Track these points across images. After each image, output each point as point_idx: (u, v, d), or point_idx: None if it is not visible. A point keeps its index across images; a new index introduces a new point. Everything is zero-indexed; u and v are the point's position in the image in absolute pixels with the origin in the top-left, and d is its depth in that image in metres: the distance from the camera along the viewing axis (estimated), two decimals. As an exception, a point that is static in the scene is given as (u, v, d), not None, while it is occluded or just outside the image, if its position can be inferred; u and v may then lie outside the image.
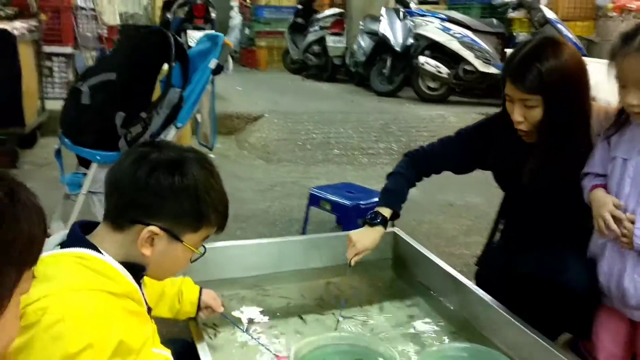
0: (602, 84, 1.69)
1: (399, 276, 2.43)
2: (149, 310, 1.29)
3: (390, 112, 6.50)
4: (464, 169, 2.22)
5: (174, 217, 1.20)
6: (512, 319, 1.80)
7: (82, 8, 7.20)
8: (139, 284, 1.23)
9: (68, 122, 2.72)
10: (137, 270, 1.21)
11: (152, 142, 1.33)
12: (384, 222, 2.10)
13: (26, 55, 4.78)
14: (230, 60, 6.46)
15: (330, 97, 7.78)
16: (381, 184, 2.25)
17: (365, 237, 2.07)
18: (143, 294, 1.25)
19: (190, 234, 1.23)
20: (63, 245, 1.19)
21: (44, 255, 1.09)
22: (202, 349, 1.59)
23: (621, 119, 1.65)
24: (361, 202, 3.27)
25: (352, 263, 2.07)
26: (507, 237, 2.20)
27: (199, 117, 3.11)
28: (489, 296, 1.96)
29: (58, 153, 2.82)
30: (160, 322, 1.52)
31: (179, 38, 3.08)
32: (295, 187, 4.51)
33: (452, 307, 2.12)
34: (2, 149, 4.37)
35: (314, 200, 3.48)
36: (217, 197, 1.24)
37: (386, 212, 2.11)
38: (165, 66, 2.83)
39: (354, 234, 2.09)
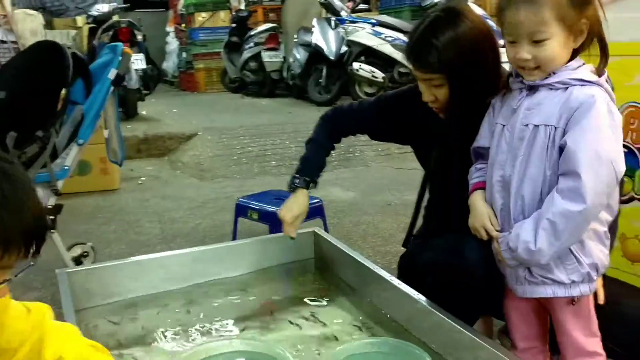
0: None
1: (322, 276, 2.30)
2: None
3: (327, 120, 6.42)
4: (380, 135, 2.15)
5: None
6: (428, 307, 1.68)
7: (3, 42, 6.97)
8: None
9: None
10: None
11: None
12: (305, 184, 2.07)
13: None
14: (133, 70, 6.27)
15: (268, 111, 7.67)
16: (322, 190, 2.17)
17: (292, 206, 2.07)
18: None
19: None
20: None
21: None
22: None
23: (503, 83, 1.57)
24: (288, 208, 3.14)
25: (293, 236, 2.09)
26: (427, 221, 2.10)
27: (105, 133, 2.93)
28: (406, 287, 1.84)
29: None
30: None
31: (78, 53, 2.91)
32: (229, 202, 4.32)
33: (373, 302, 1.99)
34: None
35: (241, 211, 3.32)
36: None
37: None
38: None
39: (281, 209, 2.08)
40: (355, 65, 7.07)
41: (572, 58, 1.43)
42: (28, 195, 0.97)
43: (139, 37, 7.06)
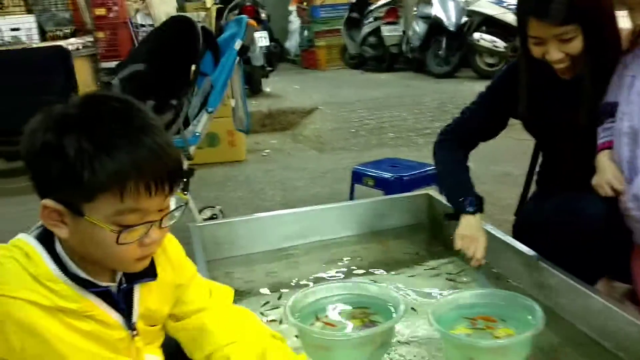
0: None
1: (436, 238, 2.33)
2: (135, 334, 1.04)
3: (447, 92, 6.33)
4: (498, 129, 2.07)
5: (55, 186, 0.92)
6: (542, 263, 1.67)
7: (142, 25, 7.51)
8: (106, 298, 1.00)
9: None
10: (87, 283, 0.97)
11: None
12: (479, 205, 1.89)
13: (83, 70, 5.02)
14: (257, 47, 6.48)
15: (386, 85, 7.66)
16: None
17: (476, 228, 1.82)
18: (128, 311, 1.03)
19: (89, 205, 0.91)
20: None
21: (18, 236, 0.98)
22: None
23: (634, 39, 1.52)
24: (404, 175, 3.18)
25: (483, 263, 1.79)
26: (542, 185, 2.06)
27: (232, 102, 3.12)
28: (520, 244, 1.83)
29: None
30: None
31: (207, 26, 3.12)
32: (347, 172, 4.40)
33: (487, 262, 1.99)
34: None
35: (357, 178, 3.41)
36: (98, 151, 0.89)
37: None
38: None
39: (462, 230, 1.83)
40: (476, 35, 6.88)
41: None
42: (146, 132, 0.93)
43: (263, 16, 7.32)
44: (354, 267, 2.11)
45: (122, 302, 1.02)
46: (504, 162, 4.37)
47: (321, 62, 11.40)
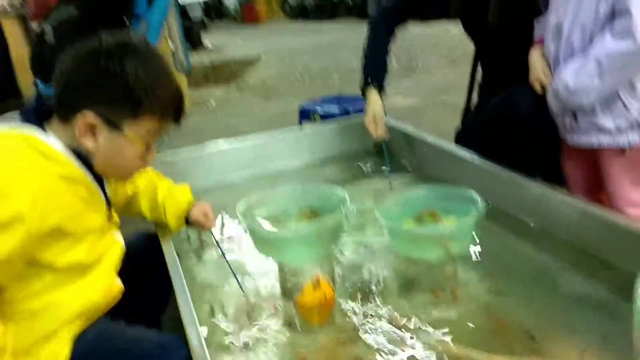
0: None
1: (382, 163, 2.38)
2: (109, 203, 1.26)
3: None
4: (430, 13, 2.16)
5: (106, 104, 1.11)
6: (479, 160, 1.74)
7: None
8: (94, 174, 1.19)
9: (37, 65, 2.72)
10: (86, 159, 1.16)
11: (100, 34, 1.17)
12: (377, 82, 2.07)
13: (12, 32, 4.80)
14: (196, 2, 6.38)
15: (329, 32, 7.66)
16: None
17: (371, 108, 2.04)
18: (101, 184, 1.22)
19: (130, 123, 1.12)
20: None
21: None
22: (168, 247, 1.44)
23: None
24: (349, 109, 3.22)
25: (385, 137, 2.05)
26: (483, 96, 2.12)
27: (171, 45, 3.07)
28: (462, 149, 1.90)
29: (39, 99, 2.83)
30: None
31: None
32: (295, 115, 4.46)
33: (436, 171, 2.06)
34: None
35: (304, 114, 3.43)
36: (154, 81, 1.12)
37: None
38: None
39: (364, 118, 2.06)
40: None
41: None
42: (170, 70, 1.18)
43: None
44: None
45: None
46: (448, 94, 4.45)
47: (261, 15, 11.26)
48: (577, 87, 1.39)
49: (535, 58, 1.60)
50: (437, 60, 5.67)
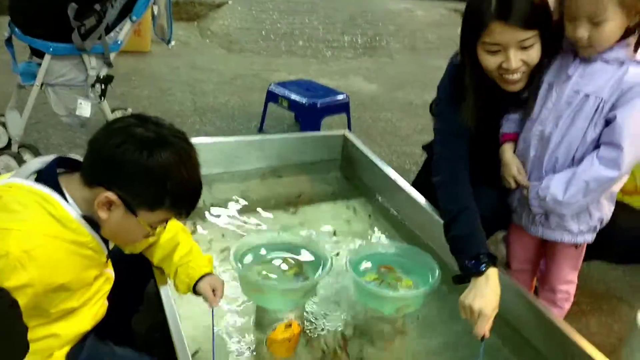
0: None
1: (346, 177, 2.57)
2: (110, 256, 1.36)
3: (358, 5, 6.38)
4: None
5: (133, 194, 1.21)
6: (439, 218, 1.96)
7: None
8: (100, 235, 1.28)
9: (18, 12, 2.66)
10: (95, 224, 1.25)
11: (142, 116, 1.25)
12: (492, 260, 1.57)
13: None
14: None
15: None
16: (344, 79, 2.16)
17: (485, 298, 1.50)
18: (105, 243, 1.31)
19: (145, 212, 1.23)
20: (38, 176, 1.23)
21: (14, 181, 1.20)
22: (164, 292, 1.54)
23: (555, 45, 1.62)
24: (318, 101, 3.34)
25: (487, 336, 1.49)
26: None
27: (155, 9, 3.05)
28: (423, 198, 2.11)
29: (9, 41, 2.77)
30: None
31: None
32: (256, 81, 4.52)
33: (392, 209, 2.28)
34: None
35: (272, 97, 3.53)
36: (181, 186, 1.23)
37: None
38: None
39: (469, 299, 1.51)
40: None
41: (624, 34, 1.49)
42: (199, 170, 1.29)
43: None
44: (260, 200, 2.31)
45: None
46: (407, 88, 4.63)
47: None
48: (565, 201, 1.58)
49: (509, 155, 1.74)
50: (399, 45, 5.81)
